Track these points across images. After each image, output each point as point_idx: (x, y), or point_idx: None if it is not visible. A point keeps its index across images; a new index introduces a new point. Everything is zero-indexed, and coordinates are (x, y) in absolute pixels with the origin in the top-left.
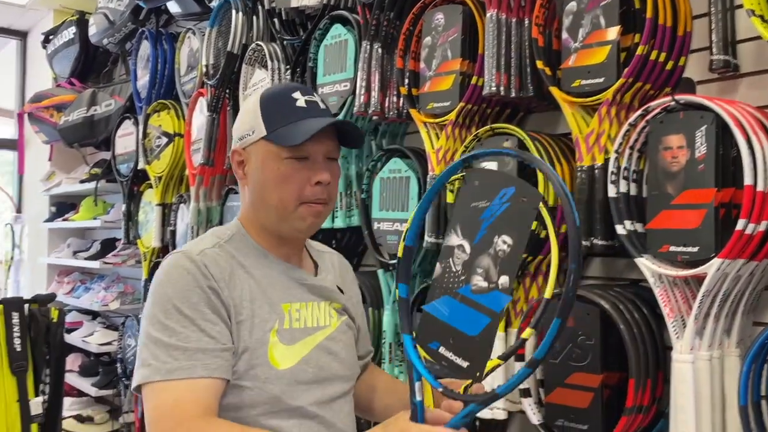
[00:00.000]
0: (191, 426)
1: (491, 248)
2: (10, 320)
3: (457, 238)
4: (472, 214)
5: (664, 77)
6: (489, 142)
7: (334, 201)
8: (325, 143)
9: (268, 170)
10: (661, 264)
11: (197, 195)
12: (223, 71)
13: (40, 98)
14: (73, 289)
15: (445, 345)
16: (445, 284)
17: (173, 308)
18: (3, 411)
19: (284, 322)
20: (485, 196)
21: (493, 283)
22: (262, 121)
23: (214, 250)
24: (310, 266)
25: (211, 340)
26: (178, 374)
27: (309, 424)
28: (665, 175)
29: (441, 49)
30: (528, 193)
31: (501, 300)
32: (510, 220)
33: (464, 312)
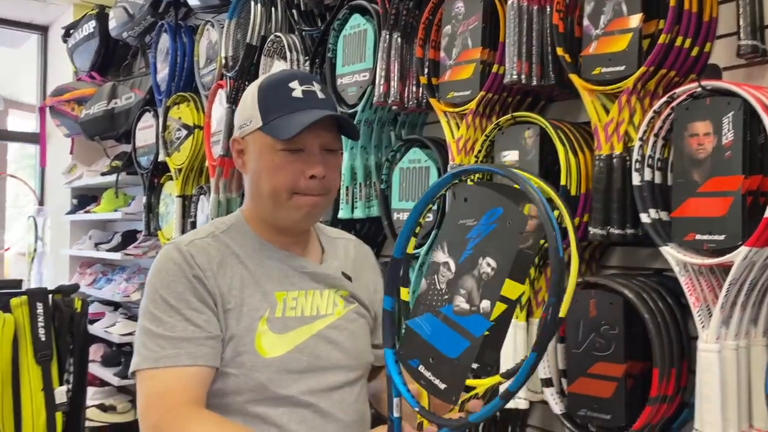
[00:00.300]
0: (178, 414)
1: (475, 270)
2: (34, 310)
3: (443, 255)
4: (460, 232)
5: (690, 64)
6: (510, 131)
7: (333, 192)
8: (322, 135)
9: (263, 161)
10: (687, 252)
11: (217, 186)
12: (242, 63)
13: (61, 92)
14: (95, 280)
15: (424, 364)
16: (429, 301)
17: (160, 298)
18: (28, 399)
19: (276, 310)
20: (473, 214)
21: (474, 306)
22: (259, 112)
23: (206, 240)
24: (316, 254)
25: (197, 329)
26: (164, 362)
27: (301, 413)
28: (691, 162)
29: (461, 38)
30: (514, 216)
31: (481, 325)
32: (495, 243)
33: (445, 332)
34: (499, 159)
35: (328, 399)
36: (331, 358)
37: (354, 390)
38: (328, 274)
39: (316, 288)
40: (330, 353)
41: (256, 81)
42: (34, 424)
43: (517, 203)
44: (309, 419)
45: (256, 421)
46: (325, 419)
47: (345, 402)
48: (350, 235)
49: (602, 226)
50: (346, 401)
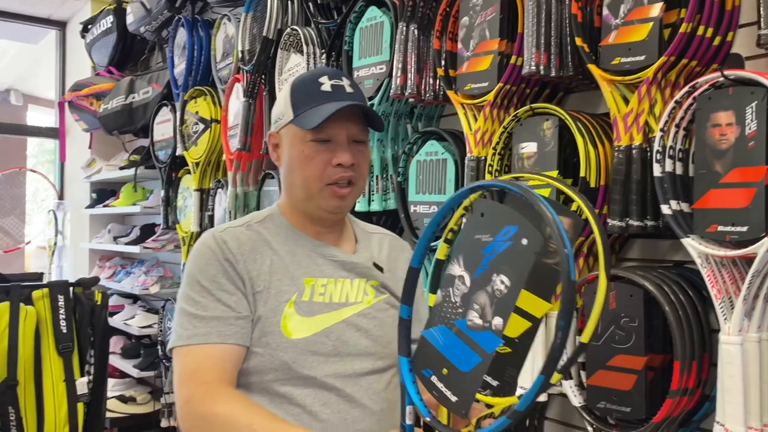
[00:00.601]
0: (207, 391)
1: (489, 286)
2: (56, 303)
3: (458, 269)
4: (475, 247)
5: (711, 53)
6: (529, 123)
7: (361, 183)
8: (349, 126)
9: (294, 152)
10: (709, 244)
11: (234, 180)
12: (258, 57)
13: (80, 87)
14: (115, 273)
15: (437, 374)
16: (443, 313)
17: (195, 281)
18: (50, 390)
19: (304, 294)
20: (489, 229)
21: (487, 323)
22: (291, 106)
23: (240, 228)
24: (349, 245)
25: (227, 309)
26: (195, 340)
27: (325, 395)
28: (713, 152)
29: (479, 29)
30: (530, 235)
31: (493, 342)
32: (510, 261)
33: (458, 345)
34: (518, 151)
35: (354, 385)
36: (358, 344)
37: (383, 378)
38: (358, 263)
39: (346, 277)
40: (358, 340)
41: (291, 79)
42: (56, 415)
43: (534, 222)
44: (333, 402)
45: (281, 401)
46: (350, 404)
47: (372, 389)
48: (387, 231)
49: (621, 217)
50: (373, 389)
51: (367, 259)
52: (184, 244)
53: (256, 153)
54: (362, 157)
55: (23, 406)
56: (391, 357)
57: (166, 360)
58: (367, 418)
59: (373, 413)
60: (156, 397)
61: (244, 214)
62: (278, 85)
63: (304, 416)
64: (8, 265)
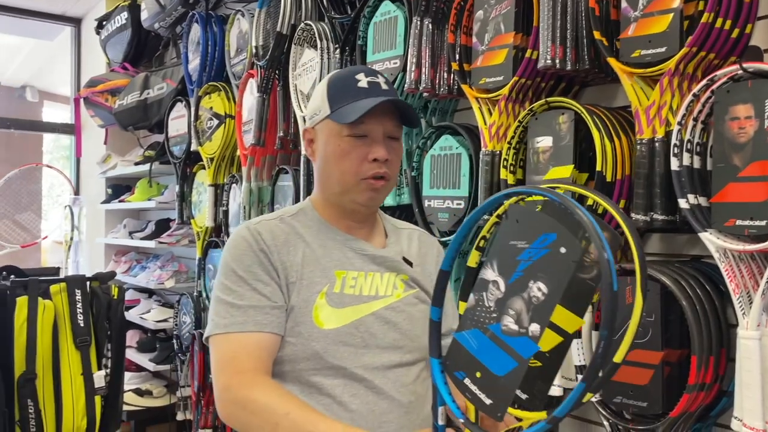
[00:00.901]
0: (244, 378)
1: (525, 292)
2: (73, 297)
3: (492, 273)
4: (510, 252)
5: (730, 46)
6: (544, 117)
7: (394, 178)
8: (384, 122)
9: (330, 147)
10: (727, 238)
11: (248, 175)
12: (272, 52)
13: (95, 83)
14: (130, 268)
15: (470, 377)
16: (476, 317)
17: (231, 271)
18: (68, 383)
19: (335, 286)
20: (525, 236)
21: (523, 329)
22: (327, 101)
23: (274, 221)
24: (380, 240)
25: (263, 298)
26: (233, 328)
27: (354, 386)
28: (732, 146)
29: (493, 23)
30: (569, 243)
31: (530, 347)
32: (547, 269)
33: (492, 350)
34: (533, 145)
35: (382, 377)
36: (386, 337)
37: (411, 372)
38: (387, 257)
39: (376, 270)
40: (386, 333)
41: (327, 75)
42: (74, 407)
43: (572, 231)
44: (362, 394)
45: (311, 391)
46: (379, 396)
47: (399, 382)
48: (416, 227)
49: (645, 211)
50: (401, 381)
51: (397, 253)
52: (199, 239)
53: (270, 148)
54: (396, 153)
55: (42, 399)
56: (419, 351)
57: (182, 354)
58: (395, 410)
59: (401, 405)
60: (172, 391)
61: (258, 209)
62: (292, 80)
63: (334, 406)
64: (25, 260)
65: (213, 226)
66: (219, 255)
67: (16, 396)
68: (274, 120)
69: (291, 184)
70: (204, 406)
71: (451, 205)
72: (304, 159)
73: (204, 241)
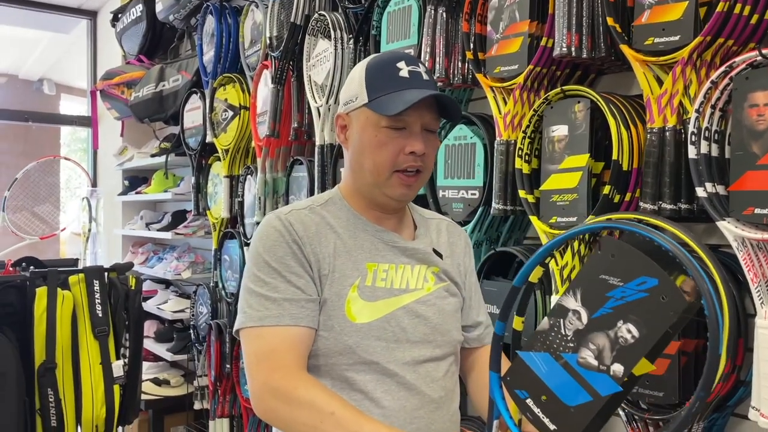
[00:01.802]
0: (286, 374)
1: (612, 331)
2: (92, 288)
3: (574, 302)
4: (599, 287)
5: (749, 32)
6: (559, 105)
7: (429, 172)
8: (423, 115)
9: (366, 136)
10: (745, 227)
11: (263, 166)
12: (286, 43)
13: (111, 76)
14: (147, 259)
15: (534, 399)
16: (549, 342)
17: (263, 262)
18: (87, 372)
19: (367, 279)
20: (620, 274)
21: (604, 366)
22: (366, 89)
23: (304, 211)
24: (409, 231)
25: (297, 291)
26: (268, 321)
27: (386, 382)
28: (751, 133)
29: (508, 11)
30: (671, 293)
31: (609, 386)
32: (642, 313)
33: (564, 378)
34: (548, 134)
35: (413, 372)
36: (416, 332)
37: (441, 366)
38: (418, 249)
39: (407, 263)
40: (416, 327)
41: (364, 60)
42: (94, 396)
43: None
44: (394, 390)
45: (342, 386)
46: (410, 392)
47: (430, 377)
48: (444, 216)
49: (653, 201)
50: (431, 376)
51: (427, 245)
52: (215, 230)
53: (285, 139)
54: (432, 146)
55: (62, 388)
56: (449, 345)
57: (199, 344)
58: (426, 405)
59: (432, 401)
60: (189, 380)
61: (273, 200)
62: (306, 71)
63: (366, 402)
64: (44, 252)
65: (228, 217)
66: (235, 246)
67: (36, 385)
68: (289, 111)
69: (306, 175)
70: (221, 395)
71: (466, 195)
72: (318, 150)
73: (220, 232)
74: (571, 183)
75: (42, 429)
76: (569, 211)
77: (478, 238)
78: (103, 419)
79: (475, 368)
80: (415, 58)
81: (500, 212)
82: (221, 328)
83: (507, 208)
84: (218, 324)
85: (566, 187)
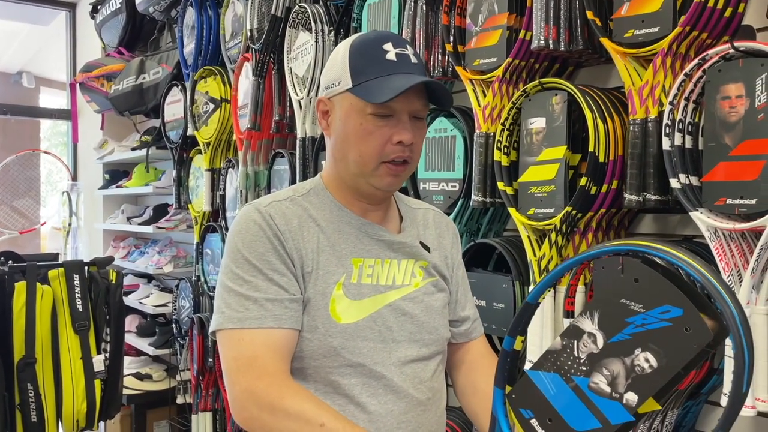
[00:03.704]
0: (272, 382)
1: (628, 358)
2: (71, 282)
3: (590, 325)
4: (618, 311)
5: (722, 25)
6: (537, 98)
7: (416, 161)
8: (412, 102)
9: (350, 124)
10: (717, 217)
11: (245, 159)
12: (267, 35)
13: (91, 68)
14: (129, 253)
15: (539, 420)
16: (559, 363)
17: (242, 258)
18: (68, 367)
19: (352, 276)
20: (642, 299)
21: (617, 394)
22: (349, 72)
23: (285, 203)
24: (395, 223)
25: (280, 290)
26: (249, 323)
27: (373, 386)
28: (723, 125)
29: (487, 4)
30: (696, 325)
31: (620, 415)
32: (662, 343)
33: (573, 402)
34: (526, 126)
35: (400, 373)
36: (403, 330)
37: (428, 366)
38: (405, 243)
39: (393, 257)
40: (402, 325)
41: (347, 40)
42: (74, 391)
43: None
44: (380, 393)
45: (327, 389)
46: (397, 395)
47: (418, 378)
48: (430, 205)
49: (638, 192)
50: (419, 377)
51: (414, 238)
52: (197, 223)
53: (266, 132)
54: (420, 135)
55: (42, 383)
56: (437, 343)
57: (181, 338)
58: (413, 409)
59: (419, 403)
60: (171, 375)
61: (255, 193)
62: (287, 63)
63: (351, 407)
64: (24, 247)
65: (210, 210)
66: (217, 239)
67: (15, 380)
68: (270, 104)
69: (287, 168)
70: (204, 390)
71: (446, 187)
72: (300, 143)
73: (202, 225)
74: (549, 175)
75: (22, 424)
76: (547, 203)
77: (459, 230)
78: (84, 414)
79: (463, 366)
80: (402, 38)
81: (480, 204)
82: (204, 322)
83: (486, 200)
84: (201, 318)
85: (544, 179)
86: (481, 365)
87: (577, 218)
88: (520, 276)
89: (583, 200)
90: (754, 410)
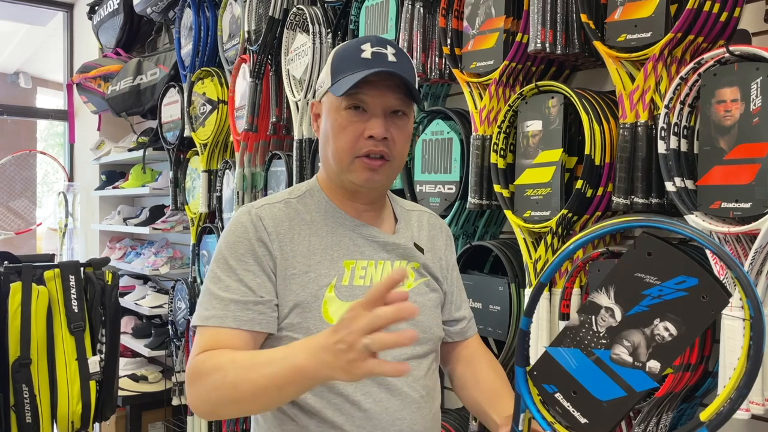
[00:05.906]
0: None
1: (648, 328)
2: (67, 283)
3: (606, 300)
4: (635, 285)
5: (718, 29)
6: (534, 101)
7: (398, 158)
8: (386, 96)
9: (329, 121)
10: (712, 221)
11: (242, 161)
12: (264, 37)
13: (88, 69)
14: (125, 254)
15: (563, 393)
16: (579, 338)
17: (222, 258)
18: (63, 368)
19: (344, 278)
20: (657, 272)
21: (639, 363)
22: (330, 73)
23: (278, 205)
24: (389, 224)
25: (248, 291)
26: (212, 322)
27: (367, 384)
28: (718, 129)
29: (484, 7)
30: (712, 292)
31: (645, 382)
32: (681, 312)
33: (596, 374)
34: (523, 129)
35: None
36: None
37: (422, 364)
38: (399, 244)
39: (387, 258)
40: (397, 325)
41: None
42: (69, 392)
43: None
44: (374, 391)
45: (321, 389)
46: (391, 393)
47: (412, 376)
48: (425, 208)
49: (626, 195)
50: (413, 375)
51: (408, 239)
52: (193, 224)
53: (263, 134)
54: (399, 130)
55: (37, 384)
56: (431, 342)
57: (177, 339)
58: (408, 406)
59: (413, 401)
60: (167, 376)
61: (251, 194)
62: (284, 65)
63: (346, 405)
64: (20, 247)
65: (207, 212)
66: (213, 241)
67: (10, 381)
68: (267, 105)
69: (284, 170)
70: None
71: (443, 189)
72: (297, 144)
73: (198, 227)
74: (545, 177)
75: (17, 425)
76: (543, 206)
77: (455, 233)
78: (79, 415)
79: (462, 360)
80: (386, 40)
81: (476, 207)
82: None
83: (483, 203)
84: None
85: (540, 182)
86: (479, 358)
87: (573, 221)
88: (516, 278)
89: (579, 203)
90: (749, 413)
